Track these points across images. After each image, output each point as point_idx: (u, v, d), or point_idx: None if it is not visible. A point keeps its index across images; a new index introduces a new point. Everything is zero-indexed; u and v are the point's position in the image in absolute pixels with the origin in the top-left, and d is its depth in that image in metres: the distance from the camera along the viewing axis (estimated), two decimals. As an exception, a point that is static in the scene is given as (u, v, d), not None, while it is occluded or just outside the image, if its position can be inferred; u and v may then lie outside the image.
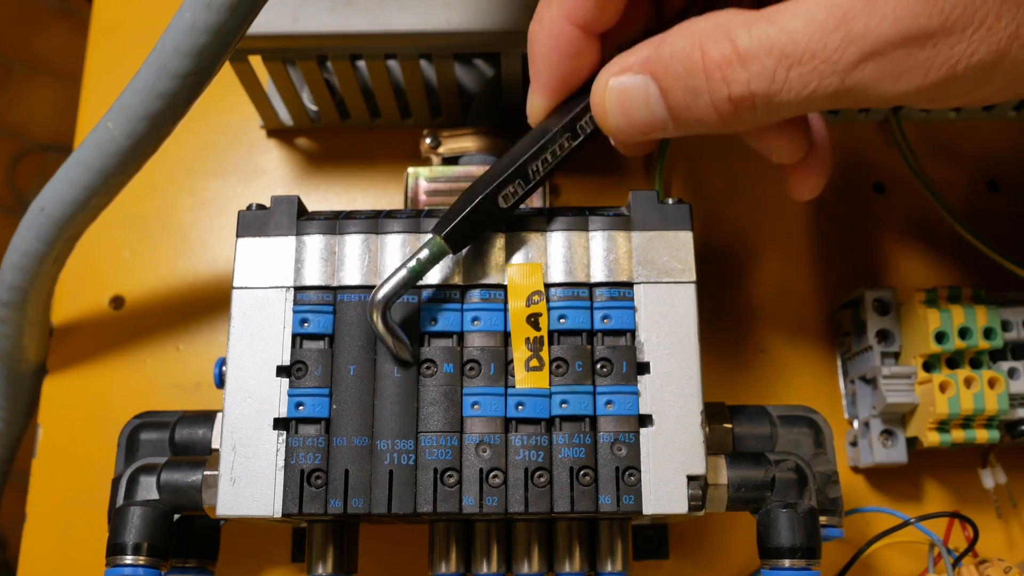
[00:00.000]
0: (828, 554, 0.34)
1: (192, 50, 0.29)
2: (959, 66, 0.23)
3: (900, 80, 0.24)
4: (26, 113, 1.36)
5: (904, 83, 0.24)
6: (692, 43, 0.25)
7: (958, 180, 0.43)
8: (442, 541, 0.31)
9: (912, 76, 0.24)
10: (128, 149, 0.31)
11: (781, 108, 0.25)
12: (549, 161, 0.29)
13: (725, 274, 0.42)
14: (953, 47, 0.23)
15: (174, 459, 0.30)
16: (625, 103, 0.27)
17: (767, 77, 0.24)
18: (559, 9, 0.28)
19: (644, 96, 0.27)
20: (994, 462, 0.39)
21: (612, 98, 0.27)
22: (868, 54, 0.23)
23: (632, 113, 0.27)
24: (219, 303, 0.42)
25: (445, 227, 0.28)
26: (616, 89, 0.27)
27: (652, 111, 0.27)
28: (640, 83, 0.26)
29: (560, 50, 0.28)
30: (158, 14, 0.35)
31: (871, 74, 0.24)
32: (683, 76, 0.25)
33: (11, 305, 0.36)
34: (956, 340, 0.35)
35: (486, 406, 0.28)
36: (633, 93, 0.27)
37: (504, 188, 0.28)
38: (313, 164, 0.44)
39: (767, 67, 0.24)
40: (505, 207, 0.29)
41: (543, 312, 0.29)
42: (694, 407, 0.28)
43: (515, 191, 0.29)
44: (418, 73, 0.39)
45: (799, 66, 0.24)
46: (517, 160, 0.29)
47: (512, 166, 0.29)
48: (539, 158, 0.29)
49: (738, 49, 0.24)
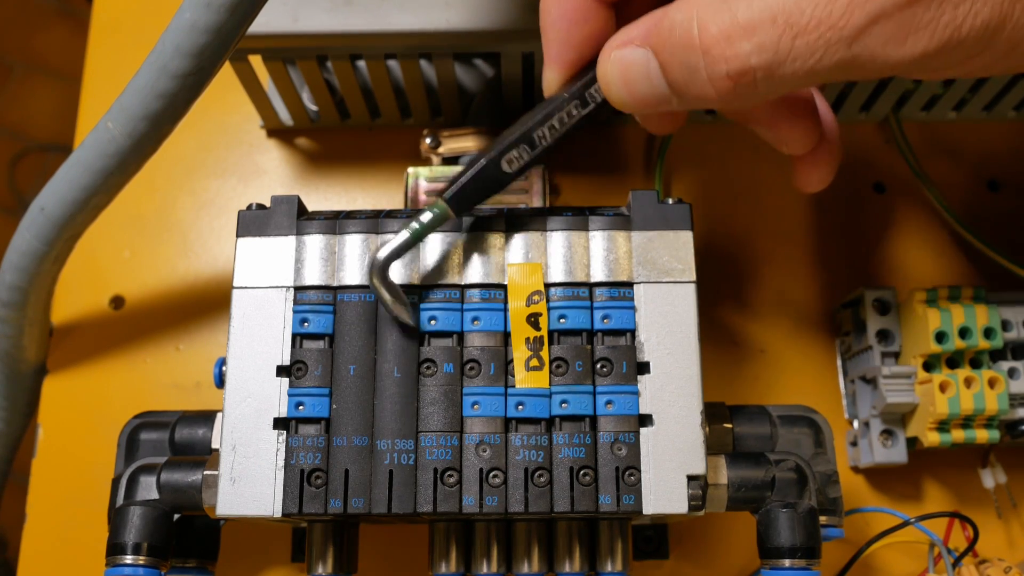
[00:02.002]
0: (828, 554, 0.34)
1: (192, 50, 0.29)
2: (964, 27, 0.23)
3: (906, 43, 0.23)
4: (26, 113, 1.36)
5: (910, 46, 0.23)
6: (690, 16, 0.24)
7: (958, 180, 0.43)
8: (442, 541, 0.31)
9: (918, 38, 0.23)
10: (128, 149, 0.31)
11: (784, 81, 0.24)
12: (556, 128, 0.28)
13: (725, 274, 0.42)
14: (958, 7, 0.23)
15: (174, 459, 0.30)
16: (627, 77, 0.27)
17: (771, 48, 0.23)
18: None
19: (645, 70, 0.26)
20: (994, 462, 0.39)
21: (615, 71, 0.27)
22: (875, 17, 0.23)
23: (634, 87, 0.27)
24: (219, 303, 0.42)
25: (448, 190, 0.28)
26: (618, 62, 0.27)
27: (653, 86, 0.26)
28: (641, 57, 0.26)
29: (569, 17, 0.27)
30: (158, 14, 0.35)
31: (877, 38, 0.23)
32: (680, 51, 0.25)
33: (11, 305, 0.36)
34: (956, 340, 0.35)
35: (486, 406, 0.28)
36: (635, 67, 0.26)
37: (508, 152, 0.28)
38: (313, 164, 0.44)
39: (771, 37, 0.23)
40: (509, 171, 0.28)
41: (543, 312, 0.29)
42: (694, 407, 0.28)
43: (520, 156, 0.28)
44: (418, 73, 0.39)
45: (805, 34, 0.23)
46: (523, 125, 0.28)
47: (518, 131, 0.28)
48: (545, 124, 0.28)
49: (739, 20, 0.23)
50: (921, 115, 0.44)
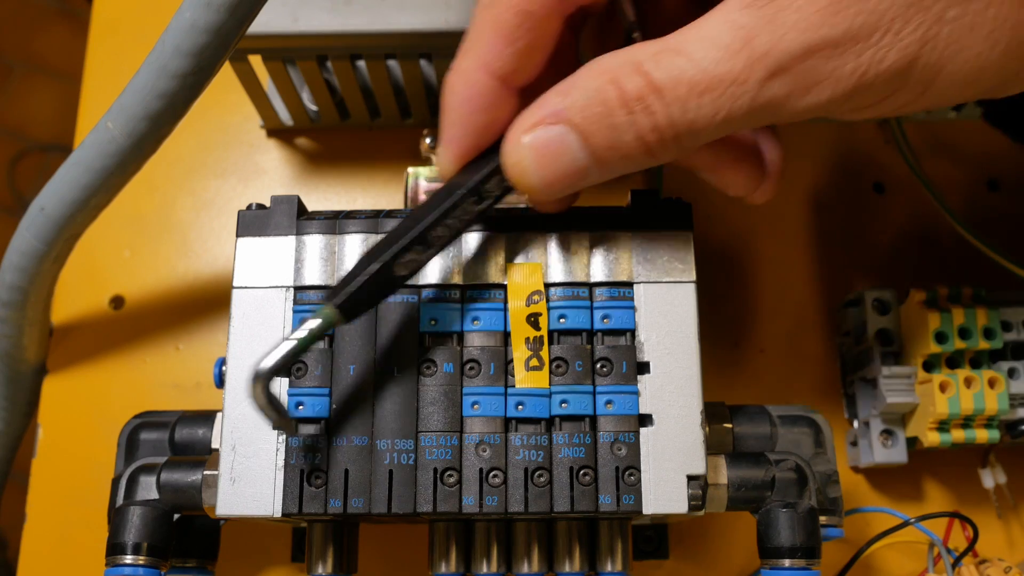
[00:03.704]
0: (828, 554, 0.34)
1: (192, 50, 0.29)
2: (869, 74, 0.23)
3: (811, 92, 0.23)
4: (26, 113, 1.36)
5: (815, 95, 0.23)
6: (604, 80, 0.24)
7: (958, 180, 0.43)
8: (442, 541, 0.31)
9: (822, 88, 0.23)
10: (128, 149, 0.31)
11: (701, 134, 0.24)
12: (452, 226, 0.27)
13: (725, 274, 0.42)
14: (861, 55, 0.23)
15: (174, 459, 0.30)
16: (544, 158, 0.26)
17: (681, 106, 0.24)
18: (476, 59, 0.26)
19: (563, 146, 0.25)
20: (994, 462, 0.39)
21: (528, 156, 0.26)
22: (774, 71, 0.23)
23: (553, 166, 0.26)
24: (219, 303, 0.42)
25: (337, 296, 0.27)
26: (531, 145, 0.26)
27: (574, 159, 0.25)
28: (557, 133, 0.25)
29: (473, 102, 0.27)
30: (158, 14, 0.35)
31: (780, 90, 0.23)
32: (602, 115, 0.24)
33: (11, 305, 0.36)
34: (956, 340, 0.35)
35: (486, 406, 0.28)
36: (552, 146, 0.25)
37: (402, 256, 0.27)
38: (313, 164, 0.44)
39: (680, 97, 0.24)
40: (404, 274, 0.27)
41: (543, 312, 0.29)
42: (694, 407, 0.28)
43: (414, 259, 0.27)
44: (418, 73, 0.39)
45: (710, 92, 0.23)
46: (417, 226, 0.27)
47: (411, 233, 0.27)
48: (442, 223, 0.27)
49: (652, 81, 0.24)
50: (921, 115, 0.44)
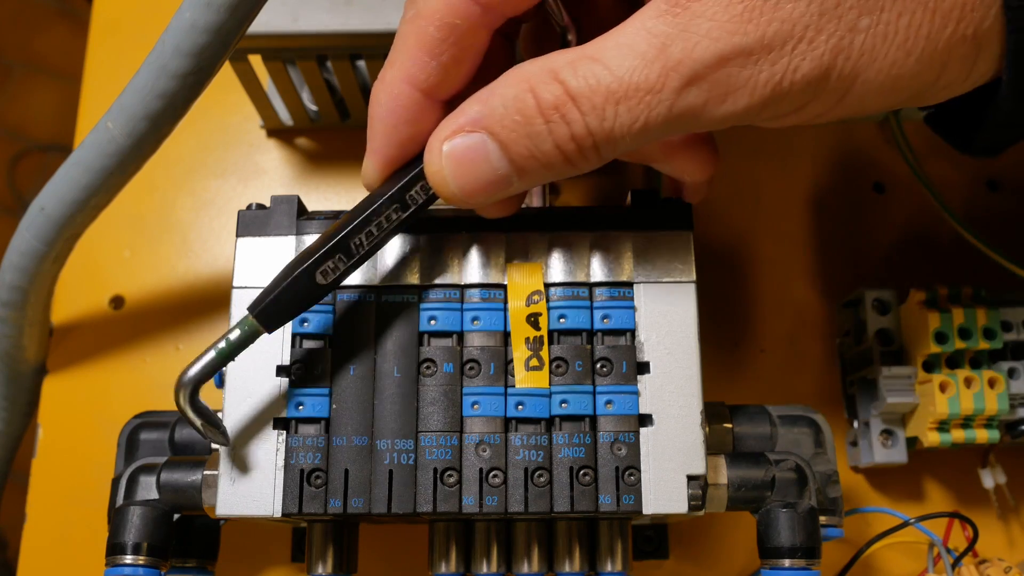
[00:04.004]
0: (828, 554, 0.34)
1: (192, 50, 0.29)
2: (784, 82, 0.23)
3: (727, 101, 0.23)
4: (26, 113, 1.36)
5: (731, 103, 0.23)
6: (522, 89, 0.24)
7: (958, 180, 0.43)
8: (442, 541, 0.31)
9: (738, 96, 0.23)
10: (128, 149, 0.31)
11: (619, 142, 0.24)
12: (375, 234, 0.27)
13: (725, 274, 0.42)
14: (775, 63, 0.23)
15: (174, 459, 0.30)
16: (463, 165, 0.25)
17: (598, 115, 0.24)
18: (400, 71, 0.26)
19: (483, 154, 0.25)
20: (994, 462, 0.39)
21: (448, 164, 0.25)
22: (689, 79, 0.23)
23: (473, 174, 0.25)
24: (219, 303, 0.42)
25: (258, 305, 0.27)
26: (450, 153, 0.25)
27: (494, 168, 0.25)
28: (476, 141, 0.25)
29: (397, 114, 0.27)
30: (158, 14, 0.35)
31: (696, 99, 0.23)
32: (521, 124, 0.24)
33: (11, 305, 0.36)
34: (956, 340, 0.35)
35: (486, 406, 0.28)
36: (470, 154, 0.25)
37: (323, 264, 0.27)
38: (313, 164, 0.44)
39: (596, 105, 0.23)
40: (325, 283, 0.27)
41: (543, 312, 0.29)
42: (694, 407, 0.28)
43: (335, 267, 0.27)
44: (418, 73, 0.39)
45: (626, 101, 0.23)
46: (338, 234, 0.27)
47: (331, 240, 0.27)
48: (363, 231, 0.27)
49: (569, 90, 0.24)
50: (921, 115, 0.44)
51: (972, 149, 0.27)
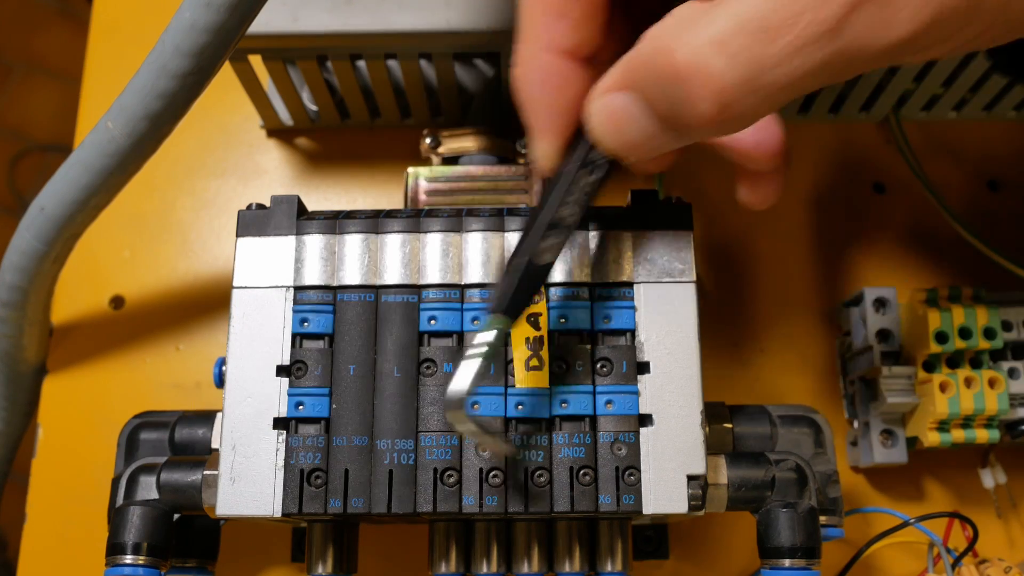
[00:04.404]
0: (828, 554, 0.34)
1: (192, 50, 0.29)
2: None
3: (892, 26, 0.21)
4: (26, 113, 1.36)
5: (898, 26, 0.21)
6: (657, 47, 0.23)
7: (958, 180, 0.43)
8: (442, 541, 0.31)
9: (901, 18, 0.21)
10: (128, 149, 0.31)
11: (773, 92, 0.22)
12: (578, 202, 0.27)
13: (725, 274, 0.42)
14: None
15: (174, 459, 0.30)
16: (616, 124, 0.25)
17: (746, 58, 0.21)
18: (536, 42, 0.26)
19: (631, 113, 0.24)
20: (994, 462, 0.39)
21: (602, 121, 0.25)
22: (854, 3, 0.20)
23: (625, 133, 0.25)
24: (219, 303, 0.42)
25: (501, 304, 0.27)
26: (603, 112, 0.25)
27: (643, 127, 0.24)
28: (623, 100, 0.24)
29: (549, 83, 0.26)
30: (158, 14, 0.35)
31: (863, 24, 0.21)
32: (659, 84, 0.23)
33: (11, 305, 0.36)
34: (956, 340, 0.35)
35: (486, 406, 0.28)
36: (620, 112, 0.25)
37: (542, 244, 0.27)
38: (313, 164, 0.44)
39: (744, 47, 0.21)
40: (550, 261, 0.27)
41: (543, 312, 0.29)
42: (694, 407, 0.28)
43: (553, 243, 0.27)
44: (418, 73, 0.39)
45: (782, 35, 0.21)
46: (545, 212, 0.27)
47: (542, 220, 0.27)
48: (565, 203, 0.27)
49: (708, 36, 0.21)
50: (921, 115, 0.44)
51: None
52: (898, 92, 0.42)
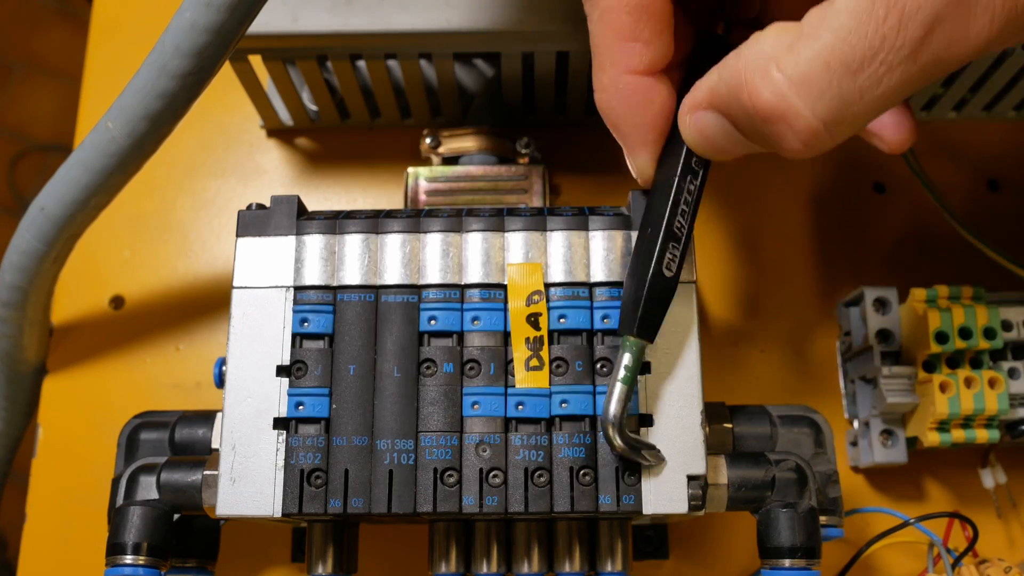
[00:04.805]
0: (828, 554, 0.34)
1: (192, 50, 0.29)
2: None
3: (970, 36, 0.21)
4: (26, 113, 1.36)
5: (975, 37, 0.21)
6: (741, 81, 0.23)
7: (958, 180, 0.43)
8: (442, 541, 0.31)
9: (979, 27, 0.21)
10: (128, 149, 0.31)
11: (859, 118, 0.22)
12: (687, 210, 0.28)
13: (725, 274, 0.42)
14: None
15: (174, 459, 0.30)
16: (708, 138, 0.26)
17: (831, 94, 0.22)
18: (616, 66, 0.27)
19: (721, 130, 0.26)
20: (994, 462, 0.39)
21: (695, 136, 0.27)
22: (931, 24, 0.21)
23: (720, 144, 0.26)
24: (219, 303, 0.42)
25: (633, 325, 0.27)
26: (695, 128, 0.26)
27: (734, 141, 0.26)
28: (712, 120, 0.26)
29: (636, 103, 0.27)
30: (158, 14, 0.35)
31: (940, 43, 0.21)
32: (745, 116, 0.24)
33: (11, 305, 0.36)
34: (956, 340, 0.35)
35: (486, 406, 0.28)
36: (710, 129, 0.26)
37: (663, 258, 0.27)
38: (313, 164, 0.44)
39: (829, 83, 0.21)
40: (673, 274, 0.27)
41: (543, 312, 0.29)
42: (694, 407, 0.28)
43: (673, 256, 0.27)
44: (418, 73, 0.39)
45: (865, 68, 0.21)
46: (661, 226, 0.27)
47: (660, 234, 0.27)
48: (677, 213, 0.27)
49: (791, 76, 0.22)
50: (921, 115, 0.44)
51: None
52: (898, 92, 0.42)
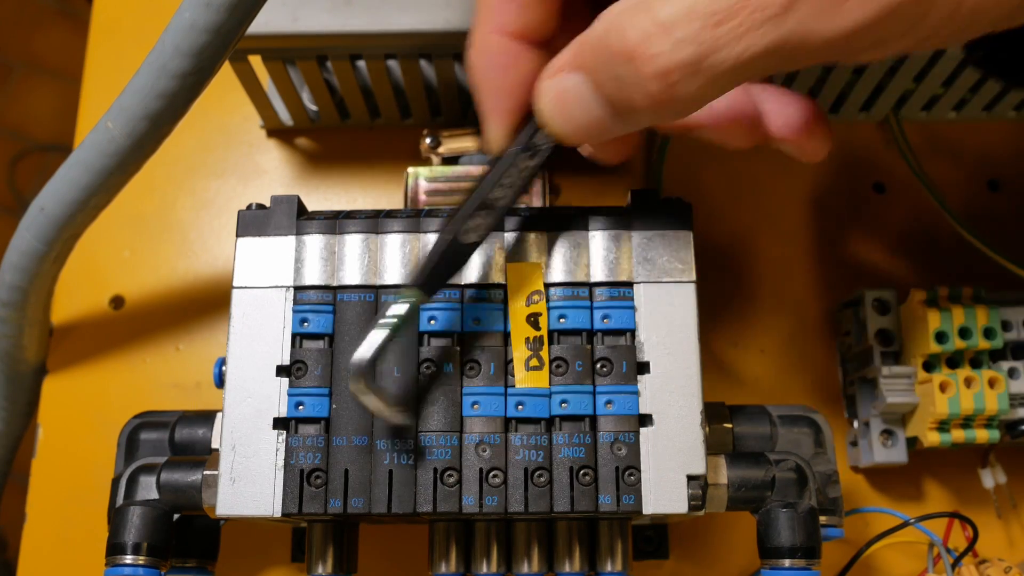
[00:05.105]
0: (828, 554, 0.34)
1: (192, 50, 0.29)
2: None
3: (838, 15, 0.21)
4: (26, 113, 1.36)
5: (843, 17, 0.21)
6: (610, 26, 0.23)
7: (958, 180, 0.43)
8: (442, 541, 0.31)
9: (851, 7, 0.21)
10: (128, 149, 0.31)
11: (717, 76, 0.22)
12: (510, 186, 0.27)
13: (725, 274, 0.42)
14: None
15: (174, 459, 0.31)
16: (563, 105, 0.25)
17: (692, 40, 0.22)
18: (486, 24, 0.27)
19: (579, 95, 0.25)
20: (994, 462, 0.39)
21: (549, 101, 0.25)
22: None
23: (572, 115, 0.25)
24: (219, 303, 0.42)
25: (418, 278, 0.27)
26: (551, 93, 0.25)
27: (590, 109, 0.25)
28: (572, 81, 0.25)
29: (496, 64, 0.27)
30: (158, 14, 0.35)
31: (808, 11, 0.21)
32: (608, 64, 0.23)
33: (11, 305, 0.36)
34: (956, 340, 0.35)
35: (486, 406, 0.28)
36: (569, 93, 0.25)
37: (468, 223, 0.27)
38: (313, 164, 0.44)
39: (691, 30, 0.22)
40: (475, 241, 0.28)
41: (543, 312, 0.29)
42: (694, 407, 0.28)
43: (480, 223, 0.27)
44: (418, 73, 0.39)
45: (728, 21, 0.21)
46: (477, 191, 0.27)
47: (473, 199, 0.27)
48: (499, 185, 0.27)
49: (658, 19, 0.22)
50: (921, 115, 0.44)
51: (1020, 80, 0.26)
52: (898, 92, 0.42)
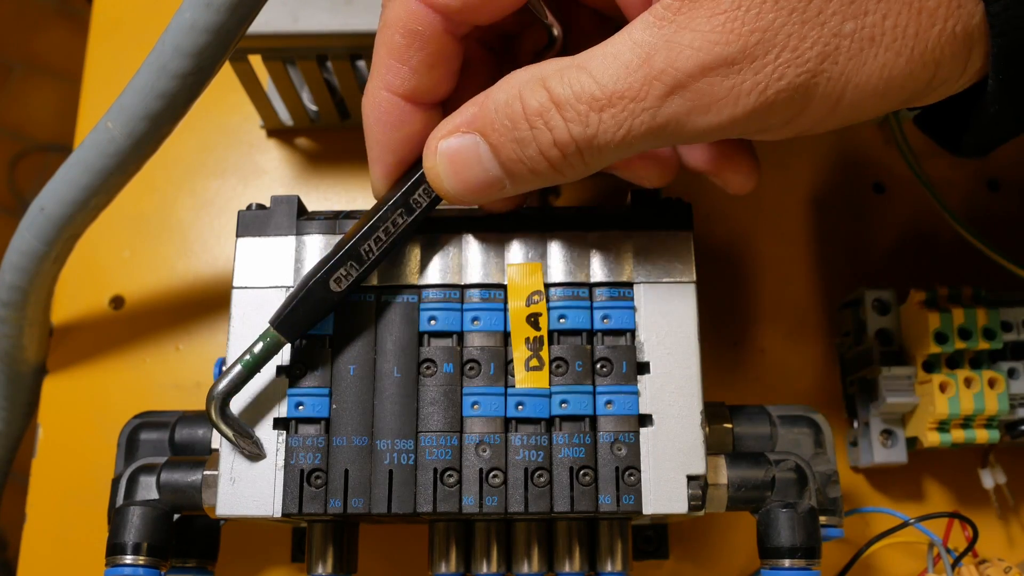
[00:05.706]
0: (828, 554, 0.34)
1: (192, 50, 0.29)
2: (768, 91, 0.23)
3: (711, 111, 0.23)
4: (26, 113, 1.36)
5: (715, 114, 0.23)
6: (512, 94, 0.25)
7: (958, 180, 0.43)
8: (442, 541, 0.31)
9: (722, 106, 0.23)
10: (128, 149, 0.31)
11: (604, 151, 0.24)
12: (383, 239, 0.28)
13: (725, 274, 0.42)
14: (758, 73, 0.23)
15: (174, 459, 0.31)
16: (457, 165, 0.26)
17: (581, 122, 0.24)
18: (377, 79, 0.27)
19: (475, 155, 0.26)
20: (994, 462, 0.39)
21: (443, 162, 0.26)
22: (672, 88, 0.23)
23: (466, 174, 0.26)
24: (219, 303, 0.42)
25: (278, 317, 0.28)
26: (446, 152, 0.26)
27: (485, 169, 0.26)
28: (469, 142, 0.26)
29: (383, 120, 0.28)
30: (158, 14, 0.35)
31: (679, 108, 0.23)
32: (509, 128, 0.25)
33: (11, 305, 0.36)
34: (956, 340, 0.35)
35: (486, 406, 0.28)
36: (464, 154, 0.26)
37: (335, 272, 0.28)
38: (313, 164, 0.44)
39: (580, 112, 0.24)
40: (339, 291, 0.28)
41: (543, 312, 0.29)
42: (694, 407, 0.28)
43: (348, 273, 0.28)
44: (418, 73, 0.39)
45: (609, 108, 0.24)
46: (348, 242, 0.28)
47: (342, 249, 0.28)
48: (371, 237, 0.28)
49: (553, 97, 0.24)
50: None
51: (961, 150, 0.28)
52: (898, 92, 0.42)
